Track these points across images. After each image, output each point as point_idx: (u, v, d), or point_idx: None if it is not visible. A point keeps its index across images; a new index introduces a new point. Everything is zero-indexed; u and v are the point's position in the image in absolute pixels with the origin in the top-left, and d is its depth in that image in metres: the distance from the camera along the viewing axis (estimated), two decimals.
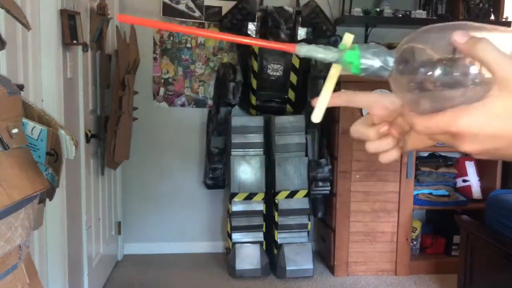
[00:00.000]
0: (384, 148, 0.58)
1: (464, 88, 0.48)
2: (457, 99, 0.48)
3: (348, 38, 0.55)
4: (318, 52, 0.53)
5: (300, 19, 3.34)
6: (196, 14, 3.59)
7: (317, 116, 0.55)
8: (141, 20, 0.56)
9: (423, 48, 0.50)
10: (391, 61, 0.52)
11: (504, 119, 0.48)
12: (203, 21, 3.60)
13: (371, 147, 0.59)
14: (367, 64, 0.52)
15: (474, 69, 0.49)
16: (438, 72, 0.49)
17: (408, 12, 3.52)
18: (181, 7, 3.57)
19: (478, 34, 0.51)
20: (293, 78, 3.34)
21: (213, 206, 3.79)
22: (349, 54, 0.52)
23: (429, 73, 0.49)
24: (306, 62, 3.38)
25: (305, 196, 3.33)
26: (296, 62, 3.31)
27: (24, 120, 1.12)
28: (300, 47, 0.53)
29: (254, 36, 3.34)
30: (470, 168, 3.56)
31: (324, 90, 0.54)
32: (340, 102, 0.57)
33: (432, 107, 0.50)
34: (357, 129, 0.59)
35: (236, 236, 3.34)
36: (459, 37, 0.49)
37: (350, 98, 0.57)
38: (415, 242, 3.52)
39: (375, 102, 0.58)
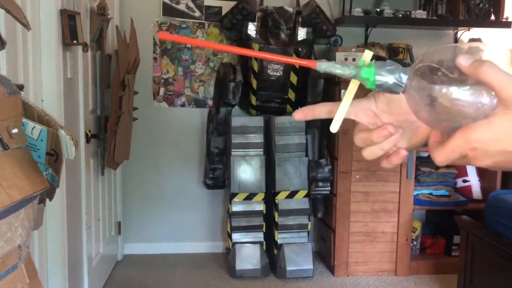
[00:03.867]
0: (386, 149, 0.60)
1: (476, 105, 0.51)
2: (469, 116, 0.52)
3: (367, 55, 0.58)
4: (337, 68, 0.58)
5: (300, 19, 3.34)
6: (196, 14, 3.59)
7: (334, 127, 0.59)
8: (178, 37, 0.67)
9: (437, 67, 0.53)
10: (404, 77, 0.56)
11: (506, 133, 0.51)
12: (203, 21, 3.60)
13: (368, 153, 0.61)
14: (382, 80, 0.56)
15: (485, 88, 0.52)
16: (452, 89, 0.52)
17: (408, 12, 3.52)
18: (181, 7, 3.57)
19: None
20: (293, 78, 3.34)
21: (213, 206, 3.79)
22: (365, 71, 0.57)
23: (444, 90, 0.52)
24: None
25: (305, 196, 3.33)
26: None
27: (24, 120, 1.12)
28: (320, 63, 0.58)
29: (254, 36, 3.34)
30: (470, 168, 3.56)
31: (342, 103, 0.58)
32: (323, 113, 0.61)
33: (446, 122, 0.53)
34: (360, 137, 0.61)
35: (236, 236, 3.34)
36: (463, 60, 0.52)
37: (332, 108, 0.60)
38: (415, 242, 3.52)
39: (359, 109, 0.62)
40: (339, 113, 0.58)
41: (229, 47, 0.61)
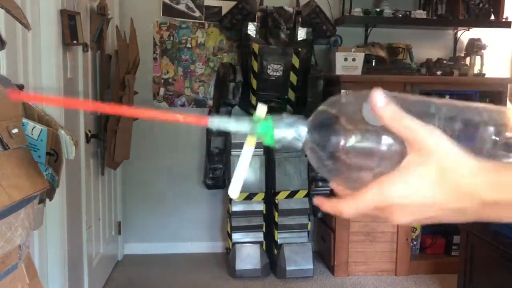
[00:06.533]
0: None
1: (378, 156, 0.48)
2: (372, 168, 0.48)
3: (261, 109, 0.53)
4: (231, 125, 0.53)
5: (300, 19, 3.34)
6: (196, 14, 3.59)
7: (234, 192, 0.53)
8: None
9: (336, 117, 0.50)
10: (304, 131, 0.51)
11: (432, 188, 0.46)
12: (203, 21, 3.60)
13: None
14: (281, 135, 0.52)
15: (386, 138, 0.48)
16: (349, 141, 0.48)
17: (408, 12, 3.52)
18: (181, 7, 3.57)
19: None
20: (293, 78, 3.34)
21: (213, 206, 3.79)
22: (262, 125, 0.52)
23: (341, 142, 0.49)
24: (306, 62, 3.38)
25: (305, 196, 3.33)
26: (296, 62, 3.31)
27: (24, 120, 1.12)
28: (212, 120, 0.52)
29: (253, 36, 3.34)
30: None
31: (240, 163, 0.54)
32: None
33: (348, 177, 0.50)
34: None
35: (236, 236, 3.34)
36: (379, 100, 0.48)
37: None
38: (415, 242, 3.52)
39: None
40: (238, 175, 0.53)
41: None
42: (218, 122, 0.53)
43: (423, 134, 0.46)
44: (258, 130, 0.52)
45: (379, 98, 0.47)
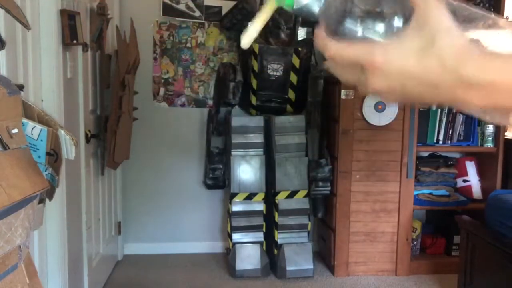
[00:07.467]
0: None
1: (386, 35, 0.50)
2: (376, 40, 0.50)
3: None
4: None
5: (300, 19, 3.34)
6: (196, 14, 3.58)
7: (246, 41, 0.59)
8: None
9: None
10: None
11: (416, 56, 0.48)
12: (203, 21, 3.60)
13: None
14: None
15: (397, 20, 0.50)
16: (364, 19, 0.51)
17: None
18: (181, 7, 3.56)
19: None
20: (293, 78, 3.34)
21: (213, 206, 3.79)
22: None
23: (355, 19, 0.51)
24: (306, 62, 3.38)
25: (305, 196, 3.33)
26: (296, 62, 3.31)
27: (24, 120, 1.12)
28: None
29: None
30: (471, 168, 3.56)
31: (256, 20, 0.59)
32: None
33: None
34: None
35: (236, 236, 3.34)
36: None
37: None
38: (415, 242, 3.52)
39: None
40: (252, 29, 0.58)
41: None
42: None
43: (429, 3, 0.48)
44: None
45: None
